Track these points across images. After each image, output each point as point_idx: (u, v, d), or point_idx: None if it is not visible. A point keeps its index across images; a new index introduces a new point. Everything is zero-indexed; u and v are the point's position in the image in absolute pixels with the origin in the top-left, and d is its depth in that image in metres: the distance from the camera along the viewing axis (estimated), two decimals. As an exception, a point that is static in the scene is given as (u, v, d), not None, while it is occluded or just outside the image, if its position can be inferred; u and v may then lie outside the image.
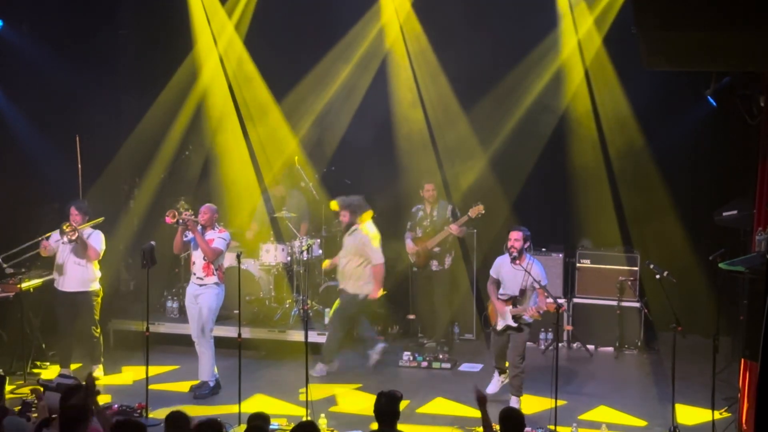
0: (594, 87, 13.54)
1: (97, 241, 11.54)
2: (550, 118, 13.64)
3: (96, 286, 11.65)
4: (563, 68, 13.63)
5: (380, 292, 12.02)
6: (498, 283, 10.99)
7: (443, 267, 12.97)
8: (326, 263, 12.59)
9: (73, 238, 11.32)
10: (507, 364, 10.97)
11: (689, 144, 13.33)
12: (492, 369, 11.29)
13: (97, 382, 11.25)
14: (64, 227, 11.34)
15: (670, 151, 13.33)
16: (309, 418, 9.58)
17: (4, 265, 11.71)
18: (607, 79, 13.44)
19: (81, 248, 11.41)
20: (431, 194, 12.92)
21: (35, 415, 9.10)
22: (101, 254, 11.60)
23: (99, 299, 11.69)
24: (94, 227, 11.60)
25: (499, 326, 10.88)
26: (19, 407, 9.72)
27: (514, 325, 10.78)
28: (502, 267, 10.97)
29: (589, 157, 13.57)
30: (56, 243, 11.48)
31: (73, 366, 11.82)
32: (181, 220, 11.06)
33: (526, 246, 10.78)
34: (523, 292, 10.73)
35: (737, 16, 6.73)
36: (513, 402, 10.70)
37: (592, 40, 13.43)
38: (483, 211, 12.42)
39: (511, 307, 10.75)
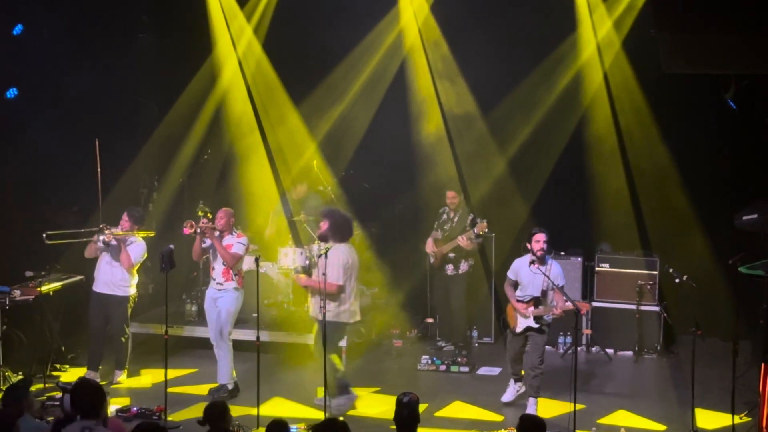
0: (613, 90, 13.52)
1: (135, 250, 11.55)
2: (569, 122, 13.63)
3: (131, 291, 11.64)
4: (582, 71, 13.61)
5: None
6: (516, 285, 10.97)
7: (458, 272, 12.94)
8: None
9: (107, 240, 11.40)
10: (523, 372, 10.93)
11: (709, 147, 13.24)
12: (508, 375, 11.27)
13: (118, 386, 11.41)
14: (102, 227, 11.42)
15: (690, 154, 13.26)
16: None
17: (47, 242, 11.64)
18: (626, 83, 13.40)
19: (117, 252, 11.49)
20: (452, 201, 12.95)
21: (51, 417, 9.12)
22: (136, 266, 11.60)
23: (131, 305, 11.68)
24: (143, 238, 11.65)
25: (519, 328, 10.83)
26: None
27: (536, 326, 10.74)
28: (521, 269, 10.93)
29: (608, 160, 13.54)
30: (100, 245, 11.53)
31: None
32: (199, 230, 11.07)
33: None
34: (544, 293, 10.74)
35: (756, 18, 6.72)
36: (530, 404, 10.66)
37: (611, 43, 13.41)
38: (487, 229, 12.46)
39: (533, 308, 10.73)
